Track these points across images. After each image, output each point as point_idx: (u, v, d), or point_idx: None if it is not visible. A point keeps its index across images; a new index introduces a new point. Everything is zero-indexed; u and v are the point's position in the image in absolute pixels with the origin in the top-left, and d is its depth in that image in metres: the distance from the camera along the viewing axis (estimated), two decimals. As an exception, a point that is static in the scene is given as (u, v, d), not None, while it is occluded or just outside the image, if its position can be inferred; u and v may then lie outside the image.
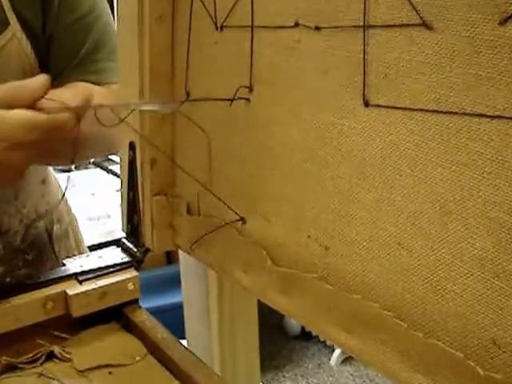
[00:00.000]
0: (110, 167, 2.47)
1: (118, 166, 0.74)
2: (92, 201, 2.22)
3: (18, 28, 0.72)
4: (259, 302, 0.58)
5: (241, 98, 0.56)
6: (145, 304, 0.71)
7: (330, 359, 2.39)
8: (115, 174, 2.34)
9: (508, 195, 0.36)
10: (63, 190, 0.94)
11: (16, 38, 0.72)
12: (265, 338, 2.67)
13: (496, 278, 0.37)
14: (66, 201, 0.95)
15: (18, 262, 0.81)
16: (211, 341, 0.79)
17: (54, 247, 0.86)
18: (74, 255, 0.72)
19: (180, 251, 0.74)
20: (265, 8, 0.52)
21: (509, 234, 0.36)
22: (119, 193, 0.74)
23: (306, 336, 2.52)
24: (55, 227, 0.87)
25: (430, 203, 0.41)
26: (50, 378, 0.60)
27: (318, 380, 2.30)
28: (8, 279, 0.79)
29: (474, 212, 0.38)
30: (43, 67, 0.77)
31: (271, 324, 2.56)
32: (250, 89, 0.55)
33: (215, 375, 0.60)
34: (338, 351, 2.36)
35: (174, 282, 1.24)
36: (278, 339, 2.53)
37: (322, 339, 2.47)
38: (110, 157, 2.43)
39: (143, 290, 0.72)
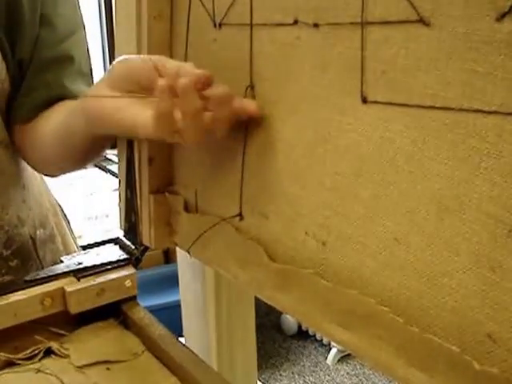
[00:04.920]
0: (108, 167, 2.47)
1: (116, 165, 0.74)
2: (90, 200, 2.22)
3: None
4: (256, 301, 0.58)
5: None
6: (143, 303, 0.71)
7: (326, 358, 2.40)
8: (113, 174, 2.35)
9: (504, 190, 0.36)
10: (49, 191, 0.91)
11: None
12: (262, 337, 2.68)
13: (492, 273, 0.38)
14: (54, 202, 0.92)
15: (1, 270, 0.78)
16: (208, 339, 0.79)
17: (38, 252, 0.83)
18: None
19: (178, 249, 0.74)
20: (263, 5, 0.52)
21: (505, 229, 0.36)
22: (117, 192, 0.74)
23: (302, 335, 2.52)
24: (38, 232, 0.84)
25: (427, 199, 0.41)
26: (48, 374, 0.60)
27: (315, 379, 2.31)
28: None
29: (470, 207, 0.38)
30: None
31: (268, 323, 2.57)
32: (252, 87, 0.55)
33: (212, 371, 0.60)
34: (334, 350, 2.36)
35: (171, 281, 1.24)
36: (275, 338, 2.53)
37: (318, 338, 2.47)
38: (108, 156, 2.43)
39: (141, 289, 0.72)
